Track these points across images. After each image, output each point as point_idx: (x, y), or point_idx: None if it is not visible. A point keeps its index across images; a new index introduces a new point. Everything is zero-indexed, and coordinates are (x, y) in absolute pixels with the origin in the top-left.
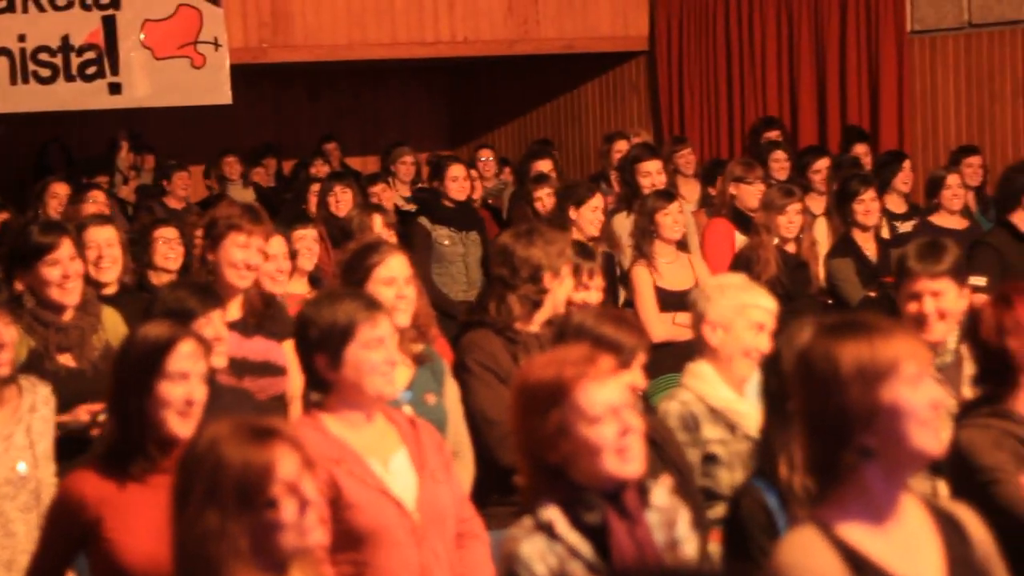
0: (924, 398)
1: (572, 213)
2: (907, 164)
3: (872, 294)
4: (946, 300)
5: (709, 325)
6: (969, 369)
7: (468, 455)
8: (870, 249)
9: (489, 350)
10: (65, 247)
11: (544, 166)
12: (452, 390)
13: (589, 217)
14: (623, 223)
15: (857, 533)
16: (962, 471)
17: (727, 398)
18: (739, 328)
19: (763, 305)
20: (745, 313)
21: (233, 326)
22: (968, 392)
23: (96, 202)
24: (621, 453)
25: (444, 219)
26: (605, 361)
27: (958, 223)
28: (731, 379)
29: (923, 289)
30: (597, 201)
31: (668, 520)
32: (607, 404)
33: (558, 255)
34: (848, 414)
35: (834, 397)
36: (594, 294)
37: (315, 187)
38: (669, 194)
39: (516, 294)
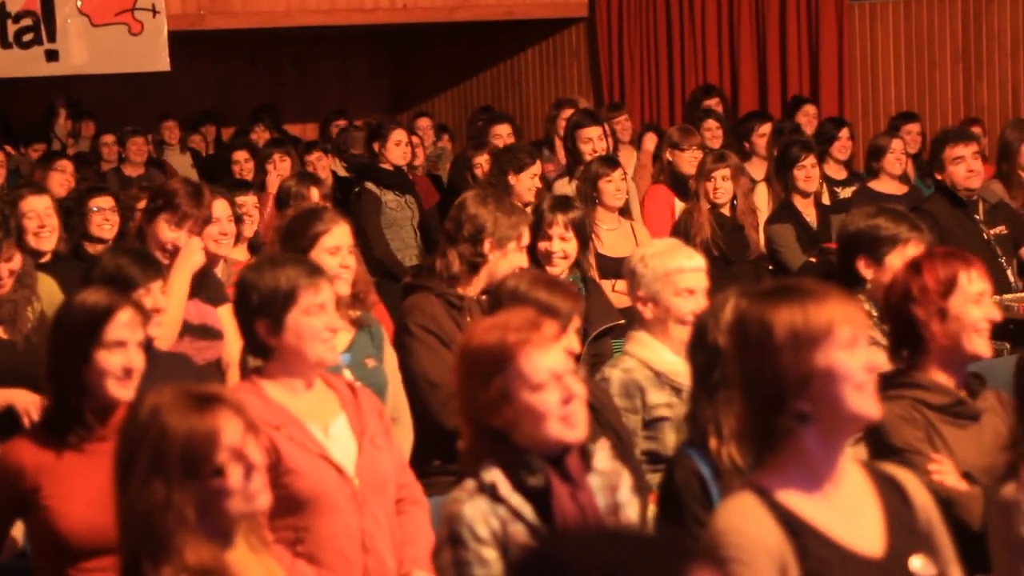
0: (859, 362)
1: (511, 179)
2: (845, 131)
3: (812, 260)
4: None
5: (639, 301)
6: None
7: (408, 421)
8: (810, 215)
9: (430, 313)
10: None
11: (503, 130)
12: (391, 356)
13: (527, 184)
14: (566, 189)
15: (795, 498)
16: (878, 448)
17: (671, 361)
18: (667, 297)
19: (688, 267)
20: (671, 281)
21: None
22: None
23: (64, 171)
24: (565, 419)
25: (387, 183)
26: (549, 327)
27: (898, 188)
28: (672, 344)
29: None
30: (536, 168)
31: (610, 484)
32: (550, 370)
33: (510, 227)
34: (783, 379)
35: (769, 362)
36: (571, 245)
37: (239, 155)
38: (612, 161)
39: (455, 249)
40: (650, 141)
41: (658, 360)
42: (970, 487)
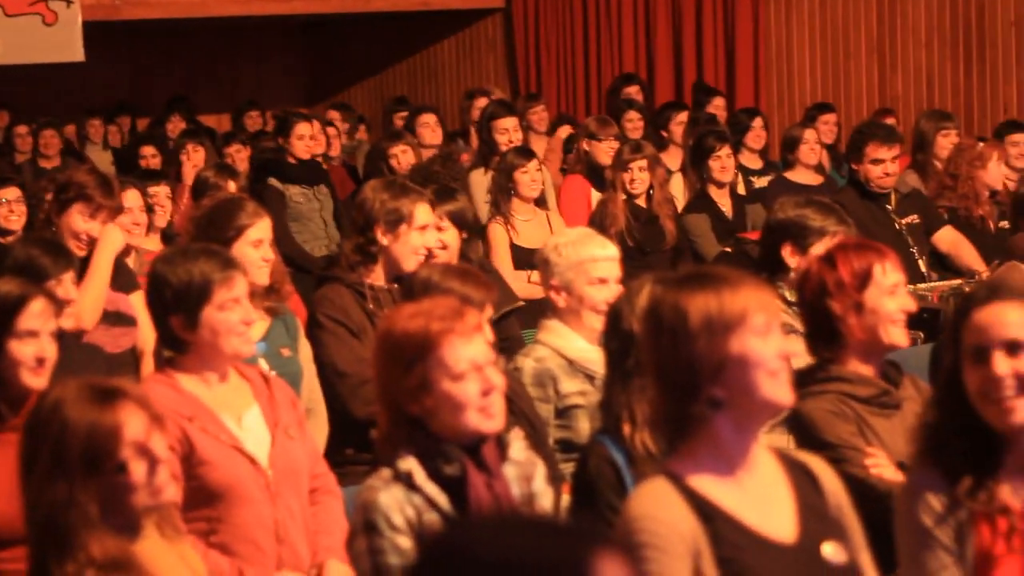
0: (772, 349)
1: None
2: (759, 121)
3: (728, 249)
4: None
5: (553, 289)
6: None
7: (322, 412)
8: (726, 205)
9: (340, 304)
10: None
11: (429, 119)
12: (306, 348)
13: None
14: (481, 180)
15: (709, 484)
16: (808, 444)
17: (583, 348)
18: (580, 286)
19: (601, 256)
20: (584, 270)
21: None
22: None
23: None
24: (483, 410)
25: (293, 177)
26: (472, 317)
27: (813, 179)
28: (585, 332)
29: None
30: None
31: (525, 474)
32: (472, 360)
33: (395, 210)
34: (697, 365)
35: (683, 349)
36: (450, 235)
37: (146, 150)
38: (527, 151)
39: (351, 241)
40: (564, 131)
41: (571, 348)
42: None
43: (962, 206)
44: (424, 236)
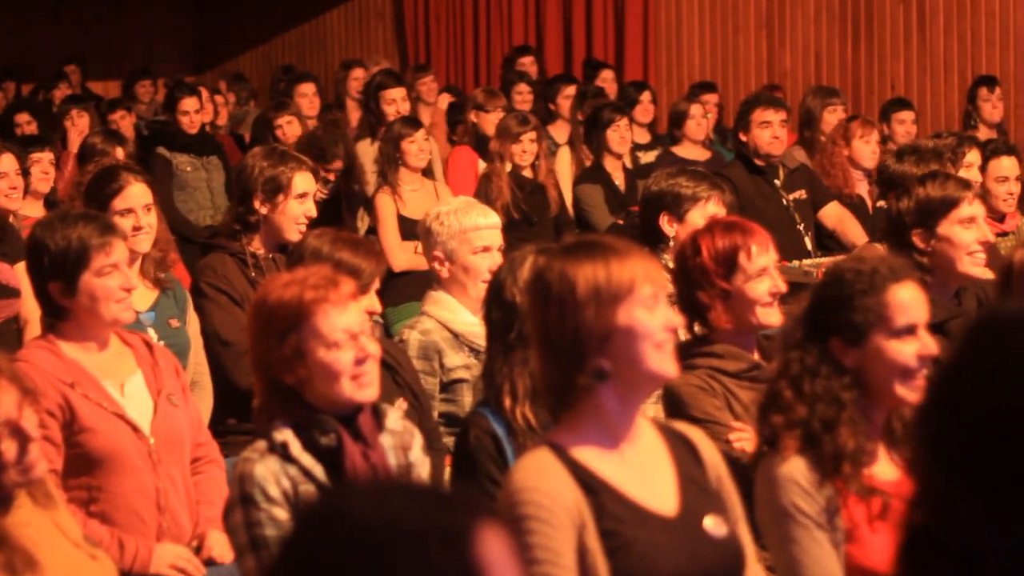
0: (659, 321)
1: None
2: (647, 95)
3: (620, 222)
4: None
5: (436, 259)
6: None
7: (208, 384)
8: (619, 178)
9: (222, 272)
10: None
11: (308, 89)
12: (194, 319)
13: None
14: (367, 150)
15: (591, 455)
16: (676, 418)
17: (469, 322)
18: (464, 255)
19: (484, 225)
20: (467, 239)
21: None
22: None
23: None
24: (357, 379)
25: (182, 146)
26: (346, 285)
27: (701, 154)
28: (470, 303)
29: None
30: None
31: (402, 443)
32: (346, 329)
33: (273, 179)
34: (583, 336)
35: (569, 318)
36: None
37: (21, 117)
38: (414, 121)
39: (230, 210)
40: (443, 100)
41: (456, 321)
42: None
43: (833, 185)
44: (304, 205)
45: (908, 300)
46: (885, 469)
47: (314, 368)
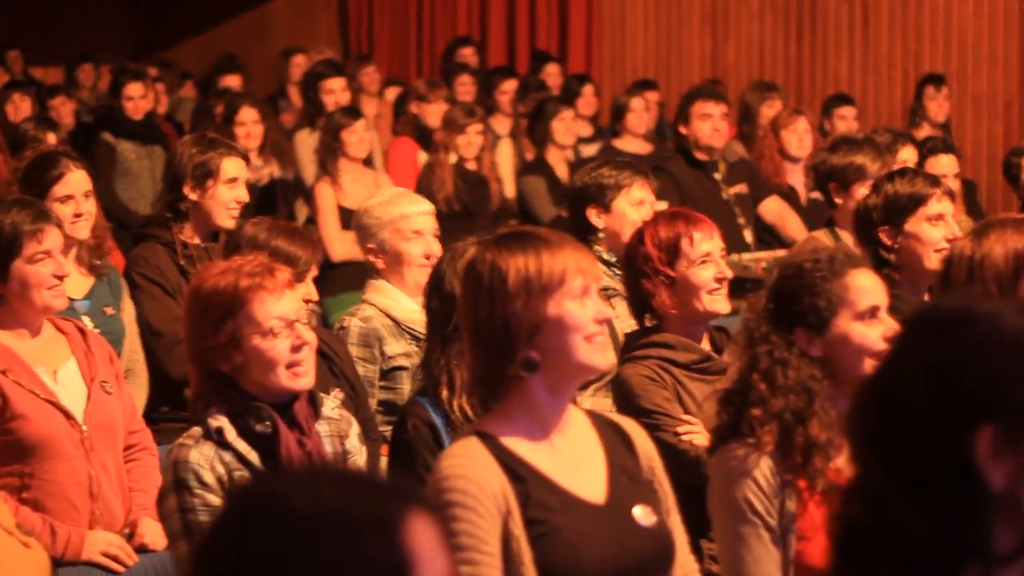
0: (590, 313)
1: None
2: (589, 88)
3: (563, 213)
4: None
5: (371, 252)
6: None
7: (143, 372)
8: (561, 170)
9: (154, 262)
10: None
11: (233, 81)
12: (130, 307)
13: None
14: (306, 140)
15: (521, 444)
16: (626, 409)
17: (410, 309)
18: (397, 243)
19: (414, 212)
20: (398, 228)
21: None
22: None
23: None
24: (293, 366)
25: (127, 133)
26: (282, 273)
27: (642, 147)
28: (409, 290)
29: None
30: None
31: (339, 431)
32: (281, 317)
33: (202, 165)
34: (513, 327)
35: (500, 309)
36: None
37: None
38: (354, 111)
39: (162, 198)
40: (391, 92)
41: (397, 308)
42: None
43: (765, 175)
44: (234, 190)
45: (867, 283)
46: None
47: (250, 356)
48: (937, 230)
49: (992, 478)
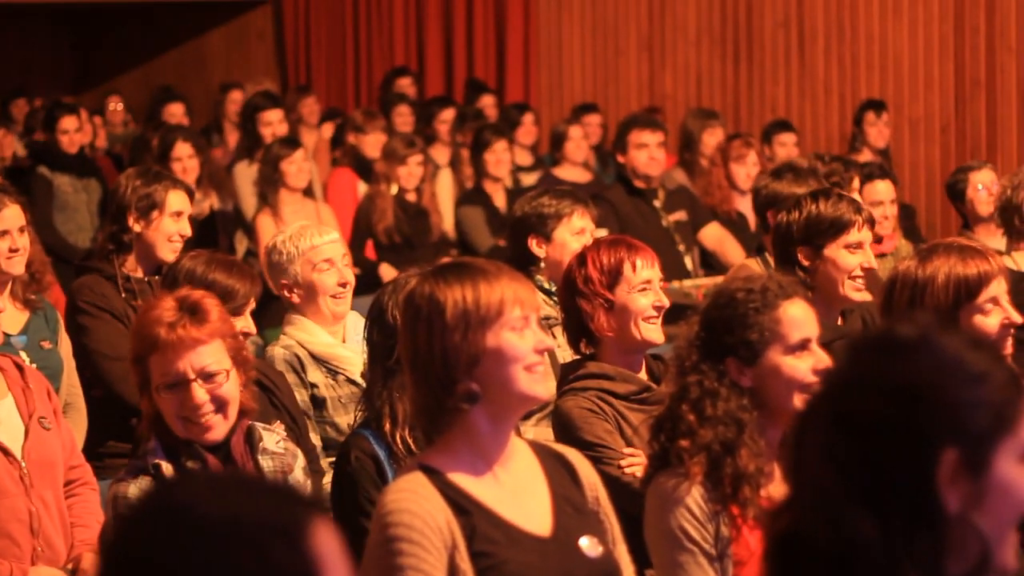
0: (529, 343)
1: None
2: (529, 116)
3: (501, 243)
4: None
5: (284, 288)
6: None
7: (81, 406)
8: (500, 199)
9: (99, 291)
10: None
11: (177, 110)
12: (66, 341)
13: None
14: (245, 172)
15: (465, 478)
16: (567, 442)
17: (327, 343)
18: (308, 275)
19: (321, 242)
20: (308, 259)
21: None
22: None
23: None
24: (189, 421)
25: (63, 167)
26: (197, 326)
27: (581, 176)
28: (326, 321)
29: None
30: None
31: (282, 466)
32: (181, 374)
33: (146, 197)
34: (452, 359)
35: (439, 341)
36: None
37: None
38: (293, 142)
39: (104, 230)
40: (327, 129)
41: (314, 342)
42: None
43: (713, 203)
44: (178, 223)
45: (800, 316)
46: (781, 489)
47: (159, 403)
48: (855, 258)
49: (948, 501)
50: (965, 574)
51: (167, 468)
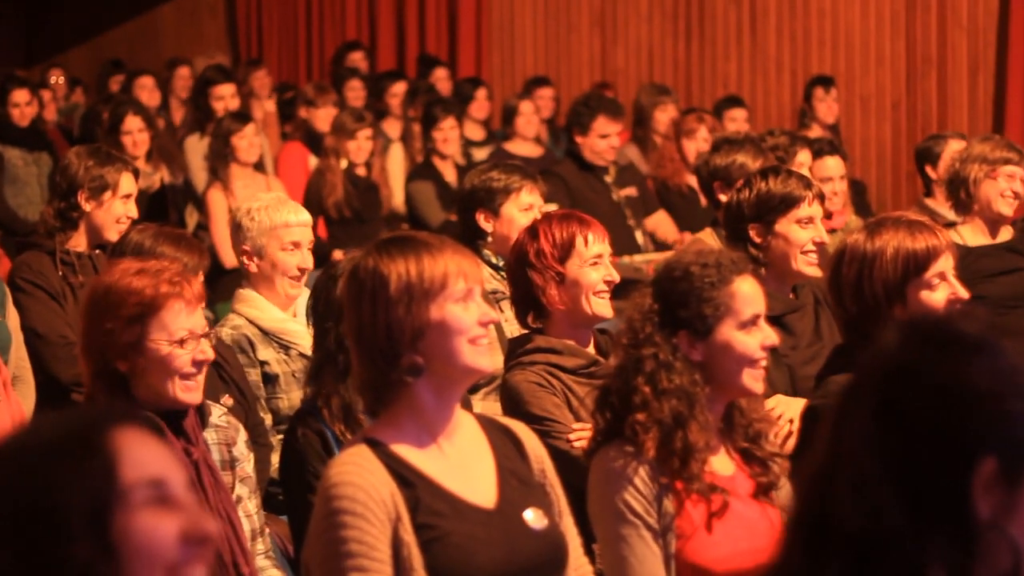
0: (473, 316)
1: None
2: (482, 91)
3: (452, 218)
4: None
5: (245, 254)
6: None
7: (30, 379)
8: (450, 174)
9: (37, 268)
10: None
11: (147, 82)
12: (15, 314)
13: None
14: (195, 146)
15: (410, 450)
16: (515, 416)
17: (278, 318)
18: (273, 251)
19: (294, 222)
20: (276, 236)
21: None
22: None
23: None
24: (188, 378)
25: (14, 140)
26: (198, 285)
27: (533, 150)
28: (279, 300)
29: None
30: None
31: (226, 439)
32: (191, 329)
33: (99, 177)
34: (396, 332)
35: (383, 315)
36: None
37: None
38: (244, 116)
39: (53, 204)
40: (270, 105)
41: (264, 318)
42: None
43: (665, 175)
44: (126, 206)
45: (751, 292)
46: (723, 464)
47: (152, 361)
48: (806, 232)
49: (980, 507)
50: None
51: None
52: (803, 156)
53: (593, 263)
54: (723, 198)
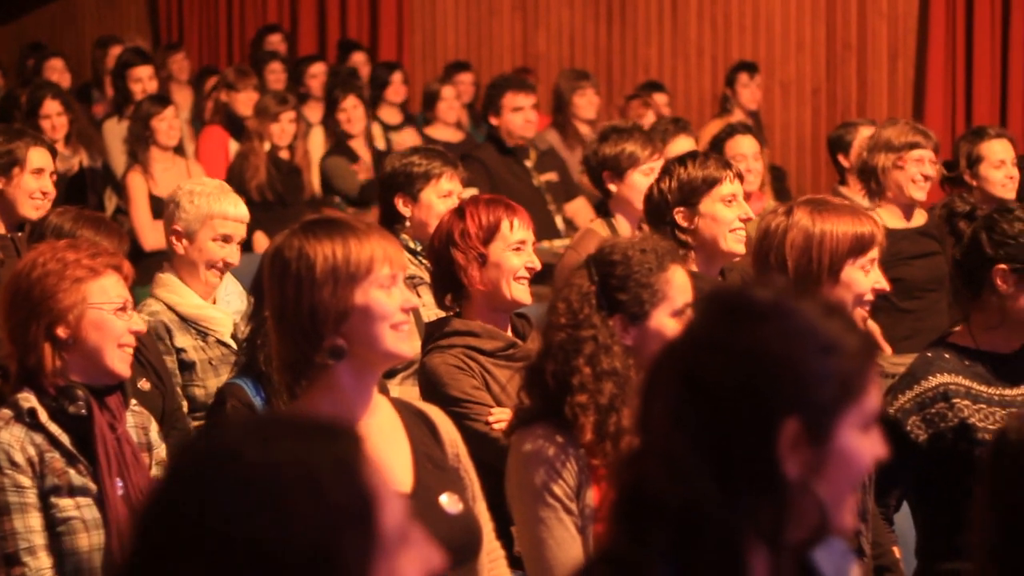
0: (396, 301)
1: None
2: (398, 75)
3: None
4: None
5: (175, 234)
6: None
7: None
8: (365, 156)
9: None
10: None
11: (57, 64)
12: None
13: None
14: (115, 129)
15: None
16: (433, 399)
17: (197, 304)
18: (204, 239)
19: (232, 215)
20: (211, 225)
21: None
22: None
23: None
24: (122, 348)
25: None
26: (128, 265)
27: (453, 135)
28: (199, 286)
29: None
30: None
31: (142, 424)
32: (126, 300)
33: (16, 154)
34: (321, 314)
35: (307, 296)
36: None
37: None
38: (164, 99)
39: None
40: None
41: (183, 304)
42: None
43: None
44: (40, 180)
45: (683, 281)
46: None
47: (92, 324)
48: (731, 210)
49: (788, 468)
50: (804, 539)
51: (42, 414)
52: (681, 144)
53: (516, 248)
54: (612, 188)
